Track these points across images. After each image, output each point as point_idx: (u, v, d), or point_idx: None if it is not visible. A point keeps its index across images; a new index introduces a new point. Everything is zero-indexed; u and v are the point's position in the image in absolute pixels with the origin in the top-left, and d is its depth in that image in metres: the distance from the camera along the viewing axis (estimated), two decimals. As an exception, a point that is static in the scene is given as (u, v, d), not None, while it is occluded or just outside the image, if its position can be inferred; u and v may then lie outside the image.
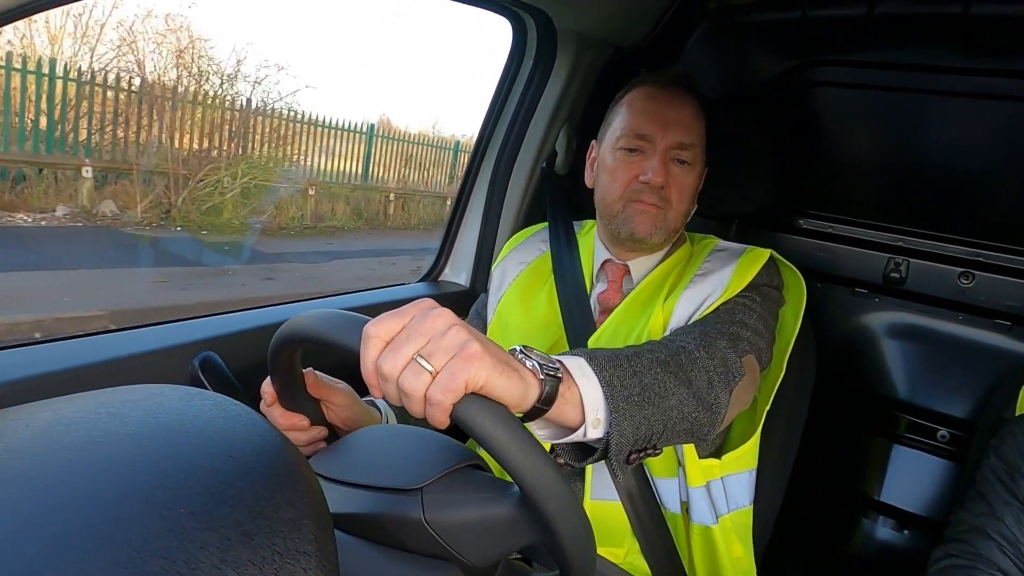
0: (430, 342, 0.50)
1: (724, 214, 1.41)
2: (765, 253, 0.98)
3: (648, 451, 0.70)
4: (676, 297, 0.95)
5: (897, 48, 1.30)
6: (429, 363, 0.49)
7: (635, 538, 0.97)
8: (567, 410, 0.61)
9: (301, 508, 0.40)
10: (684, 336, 0.82)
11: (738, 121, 1.29)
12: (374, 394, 0.52)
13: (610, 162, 1.00)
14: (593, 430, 0.63)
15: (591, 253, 1.08)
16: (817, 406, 1.17)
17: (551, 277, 1.07)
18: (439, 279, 1.53)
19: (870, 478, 1.51)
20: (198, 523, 0.36)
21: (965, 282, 1.36)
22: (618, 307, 0.99)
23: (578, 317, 1.01)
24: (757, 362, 0.88)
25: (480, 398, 0.50)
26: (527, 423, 0.58)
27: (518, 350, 0.57)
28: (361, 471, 0.61)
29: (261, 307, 1.15)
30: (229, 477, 0.40)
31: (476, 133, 1.46)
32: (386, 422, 0.87)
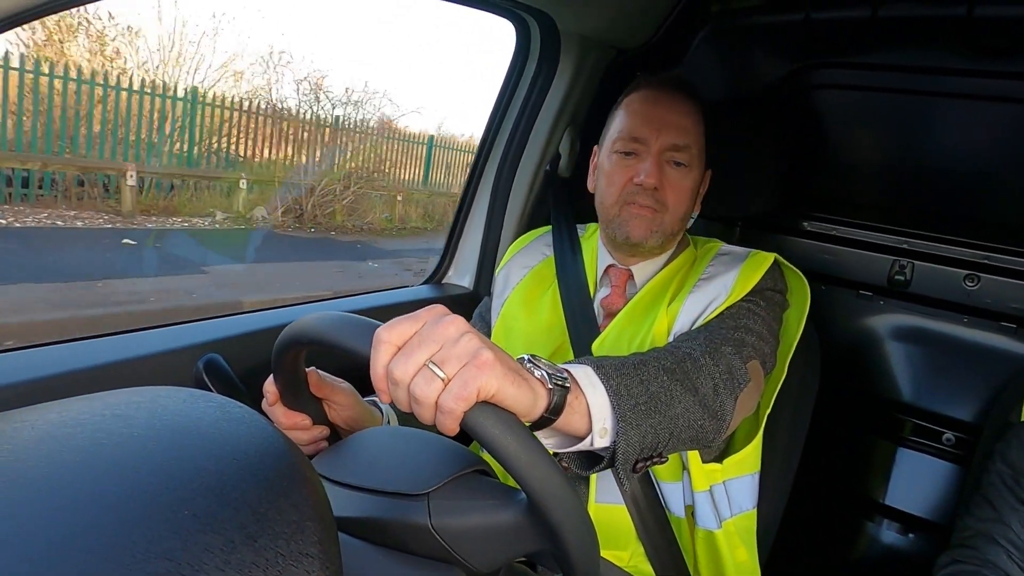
0: (442, 348, 0.50)
1: (728, 217, 1.41)
2: (769, 257, 0.97)
3: (654, 459, 0.69)
4: (680, 301, 0.95)
5: (901, 50, 1.30)
6: (441, 370, 0.49)
7: (640, 542, 0.97)
8: (574, 419, 0.60)
9: (304, 510, 0.40)
10: (689, 342, 0.82)
11: (742, 124, 1.29)
12: (383, 399, 0.52)
13: (607, 166, 1.00)
14: (600, 439, 0.63)
15: (595, 257, 1.08)
16: (821, 409, 1.16)
17: (555, 281, 1.07)
18: (443, 281, 1.53)
19: (875, 481, 1.50)
20: (202, 525, 0.36)
21: (970, 284, 1.36)
22: (622, 311, 0.99)
23: (582, 322, 1.01)
24: (761, 367, 0.88)
25: (490, 406, 0.50)
26: (534, 432, 0.58)
27: (526, 359, 0.57)
28: (366, 474, 0.61)
29: (264, 310, 1.15)
30: (233, 479, 0.40)
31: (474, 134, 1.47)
32: (387, 422, 0.88)
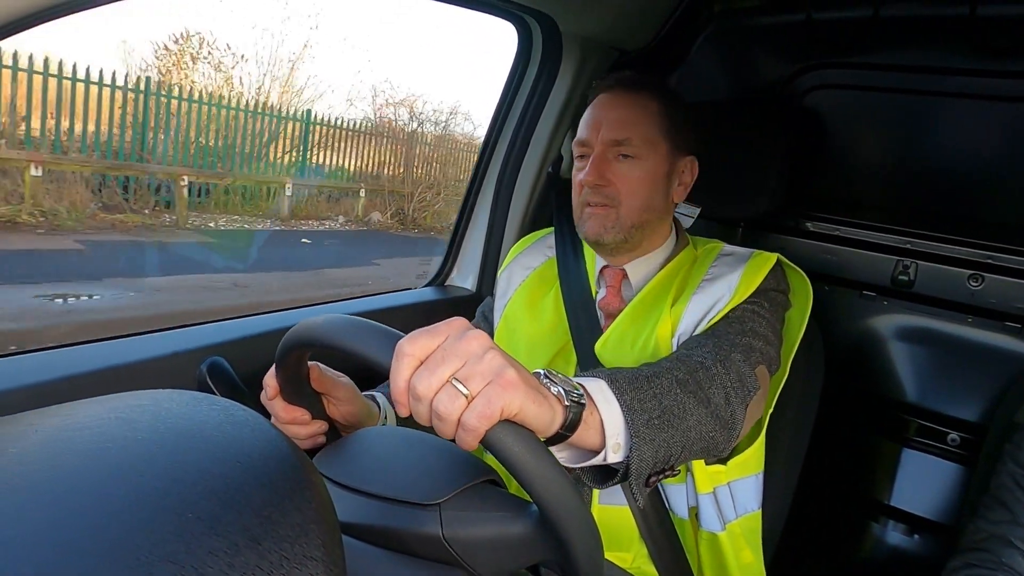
0: (466, 365, 0.49)
1: (730, 217, 1.41)
2: (772, 257, 0.97)
3: (666, 472, 0.69)
4: (684, 303, 0.95)
5: (903, 50, 1.30)
6: (465, 387, 0.49)
7: (643, 543, 0.97)
8: (588, 435, 0.60)
9: (308, 513, 0.40)
10: (700, 350, 0.82)
11: (744, 124, 1.29)
12: (400, 412, 0.51)
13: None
14: (613, 454, 0.63)
15: (593, 259, 1.08)
16: (825, 409, 1.16)
17: (557, 283, 1.07)
18: (446, 283, 1.53)
19: (880, 482, 1.49)
20: (206, 528, 0.36)
21: (974, 284, 1.35)
22: (623, 312, 0.99)
23: (584, 323, 1.01)
24: (768, 371, 0.89)
25: (511, 424, 0.50)
26: (549, 447, 0.58)
27: (543, 374, 0.57)
28: (375, 480, 0.61)
29: (267, 312, 1.16)
30: (237, 482, 0.40)
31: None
32: (385, 418, 0.88)
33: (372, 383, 0.95)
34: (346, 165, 8.40)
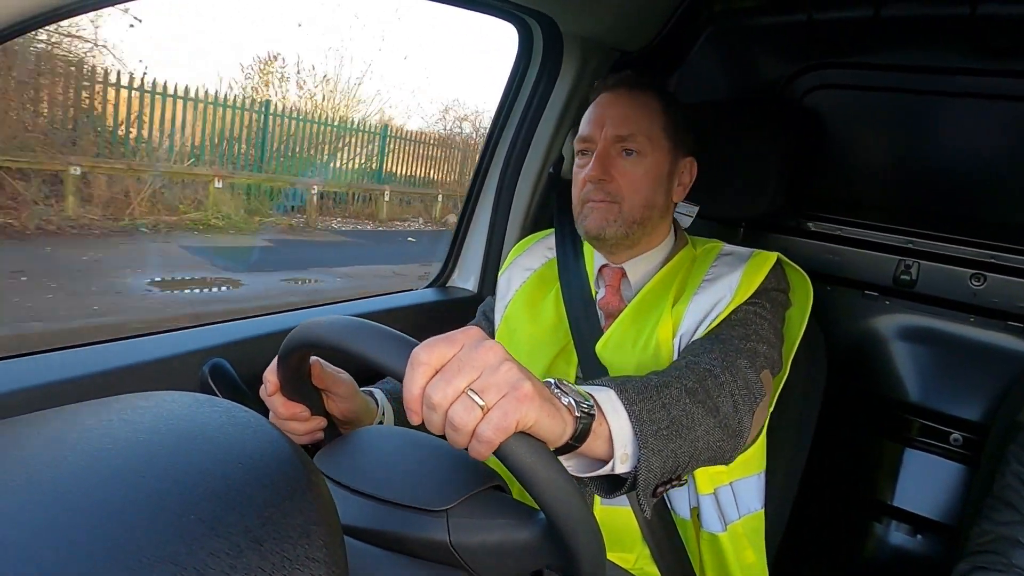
0: (482, 376, 0.49)
1: (731, 217, 1.41)
2: (772, 256, 0.97)
3: (674, 482, 0.69)
4: (685, 303, 0.94)
5: (904, 50, 1.30)
6: (481, 398, 0.48)
7: (645, 544, 0.97)
8: (597, 445, 0.60)
9: (310, 514, 0.40)
10: (707, 356, 0.82)
11: (745, 124, 1.29)
12: (413, 420, 0.51)
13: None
14: (621, 465, 0.63)
15: (592, 259, 1.08)
16: (828, 410, 1.16)
17: (557, 283, 1.07)
18: (447, 285, 1.53)
19: (882, 482, 1.49)
20: (208, 529, 0.36)
21: (977, 284, 1.35)
22: (624, 312, 0.99)
23: (584, 323, 1.01)
24: (771, 375, 0.89)
25: (525, 436, 0.50)
26: (557, 456, 0.58)
27: (553, 384, 0.57)
28: (379, 483, 0.61)
29: (269, 314, 1.16)
30: (239, 483, 0.40)
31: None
32: (382, 414, 0.88)
33: (370, 379, 0.95)
34: (422, 174, 9.90)
